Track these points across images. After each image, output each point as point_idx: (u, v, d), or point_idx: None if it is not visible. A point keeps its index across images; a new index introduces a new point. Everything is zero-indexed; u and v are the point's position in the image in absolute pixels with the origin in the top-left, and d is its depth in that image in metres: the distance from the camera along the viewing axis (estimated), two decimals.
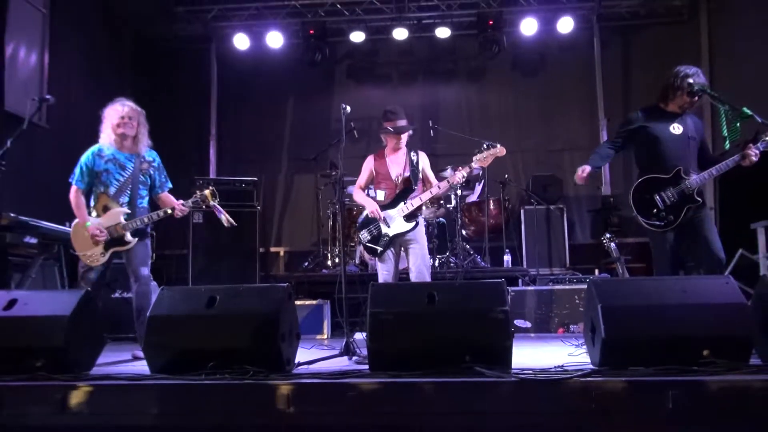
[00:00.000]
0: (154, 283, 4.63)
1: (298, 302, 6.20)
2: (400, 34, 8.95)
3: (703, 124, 4.65)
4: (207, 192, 4.59)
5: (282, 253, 9.32)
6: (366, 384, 2.89)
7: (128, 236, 4.49)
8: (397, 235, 4.92)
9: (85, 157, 4.58)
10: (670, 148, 4.42)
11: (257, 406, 2.89)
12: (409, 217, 4.92)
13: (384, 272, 4.96)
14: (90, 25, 8.06)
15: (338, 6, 8.96)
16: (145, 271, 4.60)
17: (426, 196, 4.96)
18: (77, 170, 4.56)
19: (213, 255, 7.47)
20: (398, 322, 3.20)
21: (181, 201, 4.67)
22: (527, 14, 8.69)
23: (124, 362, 4.19)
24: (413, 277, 4.91)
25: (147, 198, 4.73)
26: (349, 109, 4.76)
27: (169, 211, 4.61)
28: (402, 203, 4.94)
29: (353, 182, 7.68)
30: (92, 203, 4.59)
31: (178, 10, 9.07)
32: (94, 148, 4.63)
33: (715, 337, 3.02)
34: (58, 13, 7.17)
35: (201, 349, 3.21)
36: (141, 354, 4.40)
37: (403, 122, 5.09)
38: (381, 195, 5.09)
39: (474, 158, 4.97)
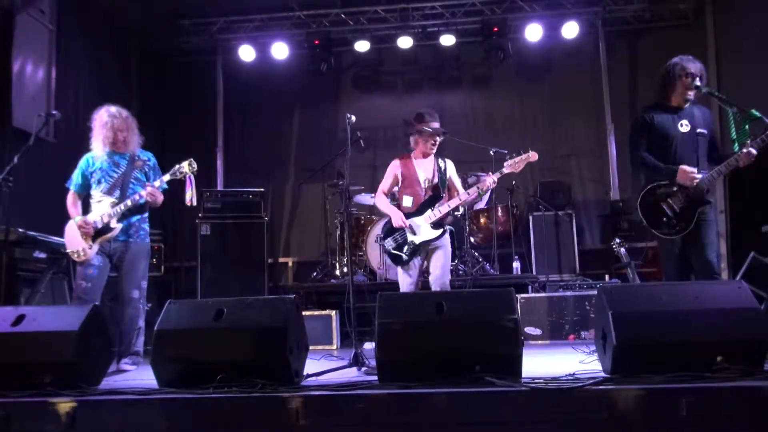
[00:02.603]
0: (142, 306, 4.67)
1: (306, 312, 6.18)
2: (405, 42, 8.94)
3: (710, 112, 4.49)
4: (185, 162, 4.60)
5: (291, 264, 9.30)
6: (375, 395, 2.87)
7: (113, 222, 4.53)
8: (423, 243, 4.84)
9: (81, 161, 4.75)
10: (677, 148, 4.30)
11: (266, 419, 2.88)
12: (437, 224, 4.85)
13: (407, 281, 4.86)
14: (96, 40, 8.10)
15: (342, 16, 8.98)
16: (135, 293, 4.63)
17: (455, 202, 4.90)
18: (73, 174, 4.75)
19: (221, 266, 7.47)
20: (407, 332, 3.19)
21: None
22: (532, 20, 8.65)
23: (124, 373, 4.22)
24: (433, 285, 4.82)
25: (137, 206, 4.70)
26: (354, 118, 4.76)
27: (143, 192, 4.57)
28: (429, 210, 4.87)
29: (359, 191, 7.76)
30: (91, 203, 4.69)
31: (183, 23, 9.10)
32: (89, 153, 4.78)
33: (728, 343, 2.98)
34: (64, 29, 7.21)
35: (209, 363, 3.21)
36: (125, 367, 4.46)
37: (437, 124, 4.99)
38: (408, 201, 4.97)
39: (505, 163, 4.92)
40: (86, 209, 4.74)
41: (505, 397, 2.78)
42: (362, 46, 9.03)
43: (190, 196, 4.69)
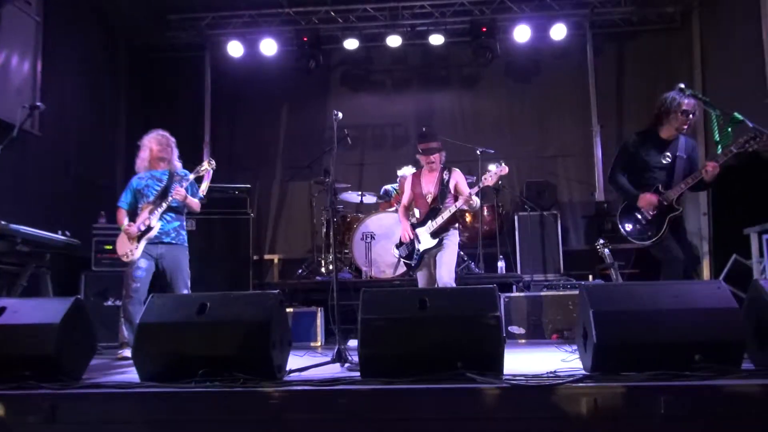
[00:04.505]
0: None
1: (292, 309, 6.19)
2: (394, 41, 8.95)
3: (696, 144, 4.75)
4: (205, 162, 5.17)
5: (276, 261, 9.29)
6: (357, 391, 2.88)
7: (153, 222, 5.01)
8: (426, 251, 5.25)
9: (131, 182, 5.29)
10: (657, 175, 4.60)
11: (248, 413, 2.87)
12: (434, 233, 5.21)
13: (420, 282, 5.36)
14: (84, 33, 8.05)
15: (332, 13, 8.98)
16: (185, 291, 5.08)
17: (446, 214, 5.20)
18: (122, 194, 5.25)
19: (206, 263, 7.39)
20: (390, 329, 3.19)
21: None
22: (520, 21, 8.70)
23: (115, 367, 4.19)
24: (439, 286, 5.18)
25: (177, 213, 5.24)
26: (341, 115, 4.79)
27: (174, 194, 5.02)
28: (430, 221, 5.25)
29: (346, 189, 7.78)
30: (138, 213, 5.16)
31: (172, 18, 9.08)
32: (136, 175, 5.33)
33: (707, 342, 3.02)
34: (51, 21, 7.15)
35: (191, 357, 3.19)
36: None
37: (433, 144, 5.30)
38: (417, 213, 5.51)
39: (482, 178, 5.20)
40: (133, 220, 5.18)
41: (486, 394, 2.79)
42: (351, 44, 9.04)
43: (205, 188, 5.26)
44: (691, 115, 4.53)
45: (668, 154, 4.59)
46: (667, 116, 4.58)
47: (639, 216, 4.56)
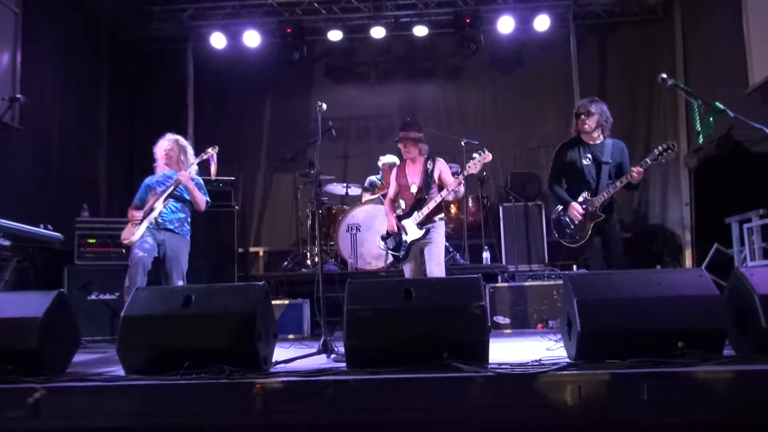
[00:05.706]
0: None
1: (277, 302, 6.18)
2: (378, 32, 8.93)
3: (624, 146, 4.90)
4: (209, 148, 5.50)
5: (261, 253, 9.26)
6: (343, 381, 2.88)
7: (157, 204, 5.15)
8: (413, 242, 5.24)
9: (145, 180, 5.48)
10: (581, 176, 4.81)
11: (234, 405, 2.87)
12: (421, 224, 5.21)
13: (407, 274, 5.39)
14: (64, 25, 7.94)
15: (315, 4, 8.93)
16: (180, 283, 5.19)
17: (432, 204, 5.19)
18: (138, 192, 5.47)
19: (191, 256, 7.37)
20: (375, 319, 3.20)
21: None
22: (504, 12, 8.71)
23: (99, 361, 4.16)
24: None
25: (184, 205, 5.37)
26: (325, 106, 4.78)
27: (178, 178, 5.22)
28: (416, 212, 5.23)
29: (331, 181, 7.76)
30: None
31: (154, 10, 8.97)
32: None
33: (688, 329, 3.06)
34: (31, 13, 7.04)
35: (176, 349, 3.19)
36: None
37: (412, 134, 5.30)
38: (403, 205, 5.48)
39: (467, 165, 5.19)
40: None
41: (471, 382, 2.81)
42: (335, 35, 9.00)
43: (214, 169, 5.63)
44: (577, 116, 4.82)
45: (589, 156, 4.79)
46: (574, 122, 4.89)
47: (568, 221, 4.83)
